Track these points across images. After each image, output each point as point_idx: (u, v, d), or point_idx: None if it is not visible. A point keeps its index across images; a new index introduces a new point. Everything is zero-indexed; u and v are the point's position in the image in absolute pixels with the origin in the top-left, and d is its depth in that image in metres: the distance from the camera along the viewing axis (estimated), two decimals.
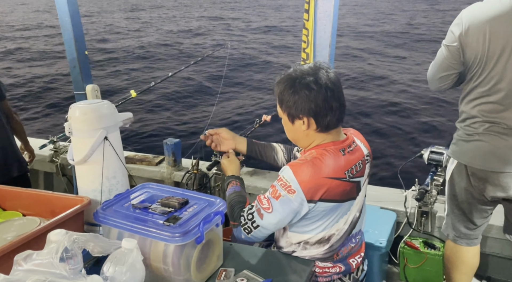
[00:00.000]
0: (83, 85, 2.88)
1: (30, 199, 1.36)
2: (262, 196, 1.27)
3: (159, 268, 1.15)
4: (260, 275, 1.22)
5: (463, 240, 1.76)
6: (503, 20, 1.40)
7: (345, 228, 1.30)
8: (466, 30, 1.47)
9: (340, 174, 1.21)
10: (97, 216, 1.20)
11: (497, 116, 1.51)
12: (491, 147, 1.53)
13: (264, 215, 1.24)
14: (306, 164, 1.19)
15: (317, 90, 1.19)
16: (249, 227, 1.27)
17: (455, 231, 1.77)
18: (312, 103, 1.20)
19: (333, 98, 1.21)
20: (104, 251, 0.95)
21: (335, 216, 1.26)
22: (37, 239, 1.07)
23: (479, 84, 1.53)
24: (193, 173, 2.63)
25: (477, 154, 1.57)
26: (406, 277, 2.15)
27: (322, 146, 1.26)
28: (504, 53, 1.43)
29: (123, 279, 0.89)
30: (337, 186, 1.21)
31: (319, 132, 1.26)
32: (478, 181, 1.60)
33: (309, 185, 1.17)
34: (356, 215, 1.32)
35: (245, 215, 1.29)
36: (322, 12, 2.11)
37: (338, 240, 1.30)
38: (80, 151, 1.33)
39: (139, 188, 1.38)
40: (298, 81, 1.21)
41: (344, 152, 1.25)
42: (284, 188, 1.20)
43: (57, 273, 0.81)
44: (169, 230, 1.10)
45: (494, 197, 1.61)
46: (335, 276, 1.35)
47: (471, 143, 1.59)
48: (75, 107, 1.33)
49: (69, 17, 2.71)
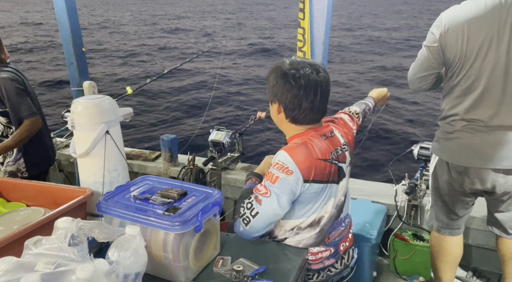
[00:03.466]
0: (80, 82, 2.92)
1: (33, 190, 1.41)
2: (258, 185, 1.30)
3: (159, 256, 1.20)
4: (256, 263, 1.28)
5: (446, 230, 1.84)
6: (479, 21, 1.48)
7: (333, 211, 1.38)
8: (445, 31, 1.54)
9: (326, 156, 1.30)
10: (100, 207, 1.25)
11: (474, 113, 1.58)
12: (469, 145, 1.62)
13: (262, 201, 1.25)
14: (300, 146, 1.27)
15: (293, 85, 1.28)
16: (248, 217, 1.27)
17: (438, 222, 1.86)
18: (283, 94, 1.30)
19: (305, 98, 1.28)
20: (109, 238, 1.00)
21: (323, 198, 1.34)
22: (43, 227, 1.12)
23: (458, 82, 1.60)
24: (189, 168, 2.68)
25: (456, 151, 1.66)
26: (396, 268, 2.23)
27: (303, 134, 1.34)
28: (480, 53, 1.50)
29: (127, 263, 0.94)
30: (324, 168, 1.29)
31: (291, 123, 1.35)
32: (457, 174, 1.69)
33: (304, 165, 1.24)
34: (341, 199, 1.41)
35: (244, 205, 1.30)
36: (316, 11, 2.17)
37: (327, 222, 1.37)
38: (83, 144, 1.37)
39: (139, 181, 1.43)
40: (283, 69, 1.30)
41: (325, 136, 1.35)
42: (281, 170, 1.23)
43: (66, 256, 0.86)
44: (169, 219, 1.15)
45: (472, 189, 1.70)
46: (327, 262, 1.42)
47: (450, 141, 1.67)
48: (78, 102, 1.38)
49: (66, 14, 2.74)
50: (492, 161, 1.58)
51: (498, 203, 1.72)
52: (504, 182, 1.62)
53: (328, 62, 2.32)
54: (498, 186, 1.63)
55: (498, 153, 1.57)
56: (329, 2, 2.13)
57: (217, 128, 2.74)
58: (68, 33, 2.80)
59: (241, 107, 7.10)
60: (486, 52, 1.50)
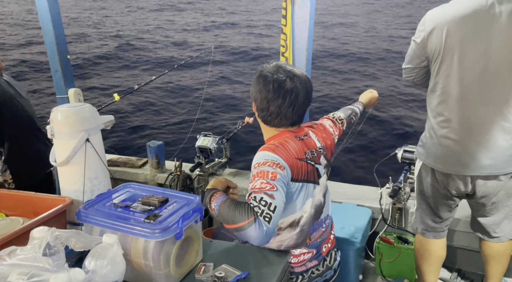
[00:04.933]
0: (65, 89, 2.90)
1: (13, 200, 1.40)
2: (257, 183, 1.19)
3: (140, 264, 1.20)
4: (238, 269, 1.29)
5: (430, 233, 1.86)
6: (457, 21, 1.54)
7: (311, 211, 1.39)
8: (430, 29, 1.60)
9: (301, 155, 1.34)
10: (80, 215, 1.24)
11: (452, 112, 1.62)
12: (449, 153, 1.66)
13: (274, 195, 1.16)
14: (278, 147, 1.30)
15: (263, 87, 1.34)
16: (268, 214, 1.12)
17: (423, 224, 1.88)
18: (256, 95, 1.36)
19: (272, 102, 1.33)
20: (86, 246, 0.99)
21: (302, 197, 1.36)
22: (20, 237, 1.11)
23: (439, 81, 1.65)
24: (176, 174, 2.68)
25: (439, 158, 1.70)
26: (382, 271, 2.24)
27: (278, 135, 1.38)
28: (457, 51, 1.55)
29: (104, 272, 0.94)
30: (301, 166, 1.33)
31: (263, 123, 1.40)
32: (442, 177, 1.73)
33: (289, 162, 1.28)
34: (321, 199, 1.43)
35: (257, 204, 1.14)
36: (299, 18, 2.19)
37: (307, 222, 1.38)
38: (63, 153, 1.37)
39: (121, 188, 1.42)
40: (262, 71, 1.37)
41: (299, 138, 1.38)
42: (274, 167, 1.22)
43: (40, 266, 0.86)
44: (149, 227, 1.15)
45: (457, 192, 1.73)
46: (309, 264, 1.43)
47: (434, 147, 1.71)
48: (57, 110, 1.38)
49: (51, 21, 2.73)
50: (472, 168, 1.63)
51: (480, 207, 1.76)
52: (483, 184, 1.66)
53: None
54: (478, 190, 1.68)
55: (478, 161, 1.62)
56: (311, 9, 2.16)
57: (204, 133, 2.74)
58: (52, 40, 2.78)
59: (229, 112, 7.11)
60: (461, 51, 1.55)
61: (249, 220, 1.10)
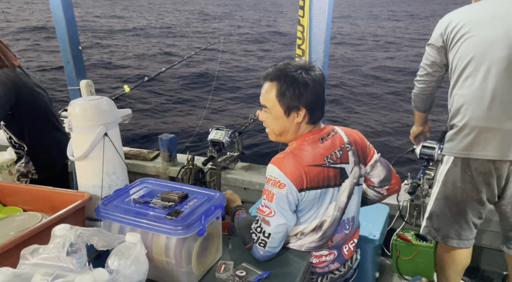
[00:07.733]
0: (77, 81, 2.87)
1: (30, 194, 1.37)
2: (260, 206, 1.30)
3: (162, 261, 1.17)
4: (259, 268, 1.26)
5: (458, 241, 1.78)
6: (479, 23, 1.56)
7: (336, 214, 1.36)
8: (450, 31, 1.61)
9: (319, 160, 1.29)
10: (99, 211, 1.21)
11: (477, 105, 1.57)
12: (481, 139, 1.58)
13: (270, 221, 1.26)
14: (287, 157, 1.27)
15: (314, 86, 1.28)
16: (263, 240, 1.27)
17: (447, 232, 1.79)
18: (309, 97, 1.29)
19: (323, 94, 1.33)
20: (109, 245, 0.97)
21: (324, 203, 1.32)
22: (40, 234, 1.08)
23: (460, 77, 1.62)
24: (188, 168, 2.65)
25: (473, 145, 1.61)
26: (399, 269, 2.20)
27: (301, 137, 1.34)
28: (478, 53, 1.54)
29: (128, 272, 0.91)
30: (319, 173, 1.28)
31: (308, 124, 1.34)
32: (477, 173, 1.62)
33: (295, 175, 1.24)
34: (344, 201, 1.37)
35: (254, 231, 1.30)
36: (317, 9, 2.13)
37: (330, 226, 1.35)
38: (80, 147, 1.34)
39: (138, 184, 1.40)
40: (296, 75, 1.28)
41: (323, 140, 1.34)
42: (275, 186, 1.25)
43: (64, 266, 0.83)
44: (172, 223, 1.12)
45: (498, 184, 1.62)
46: (332, 266, 1.39)
47: (466, 138, 1.62)
48: (75, 104, 1.34)
49: (63, 11, 2.69)
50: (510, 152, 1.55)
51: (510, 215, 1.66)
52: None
53: None
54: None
55: None
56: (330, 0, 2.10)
57: (217, 127, 2.71)
58: (64, 31, 2.75)
59: (241, 106, 7.06)
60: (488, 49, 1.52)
61: (250, 245, 1.31)
